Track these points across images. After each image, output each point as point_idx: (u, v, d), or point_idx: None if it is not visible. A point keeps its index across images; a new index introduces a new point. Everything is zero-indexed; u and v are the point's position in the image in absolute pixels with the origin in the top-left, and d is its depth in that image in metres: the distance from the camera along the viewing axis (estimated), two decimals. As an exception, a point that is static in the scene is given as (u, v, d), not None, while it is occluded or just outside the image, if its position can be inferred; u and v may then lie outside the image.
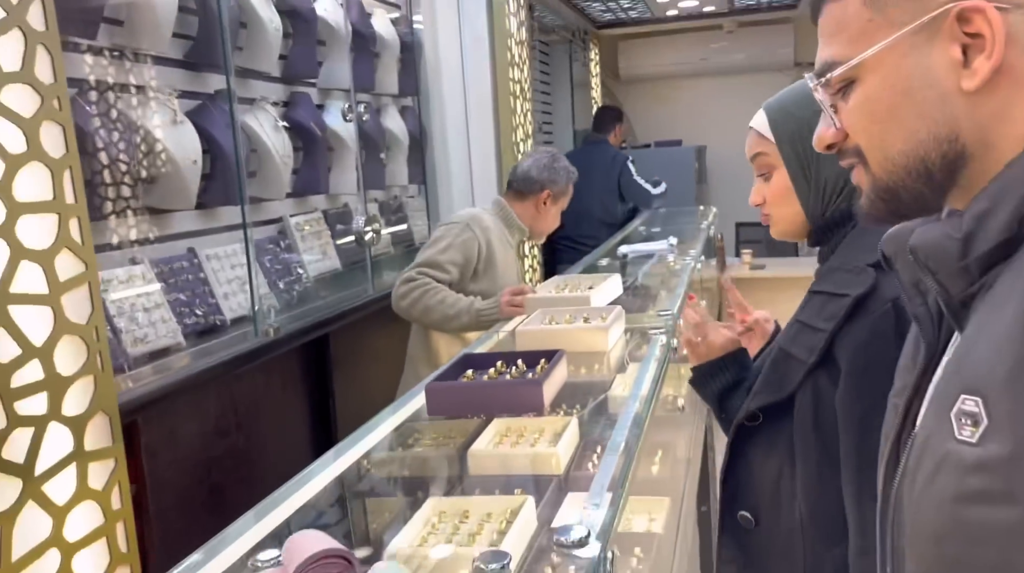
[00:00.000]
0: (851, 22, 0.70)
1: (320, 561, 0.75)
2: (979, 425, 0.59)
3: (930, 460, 0.63)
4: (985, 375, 0.59)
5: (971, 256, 0.64)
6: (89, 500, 1.47)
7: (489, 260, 2.58)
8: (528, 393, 1.40)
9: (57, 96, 1.45)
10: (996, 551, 0.58)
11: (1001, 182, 0.64)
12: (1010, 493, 0.57)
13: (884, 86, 0.69)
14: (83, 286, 1.48)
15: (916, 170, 0.69)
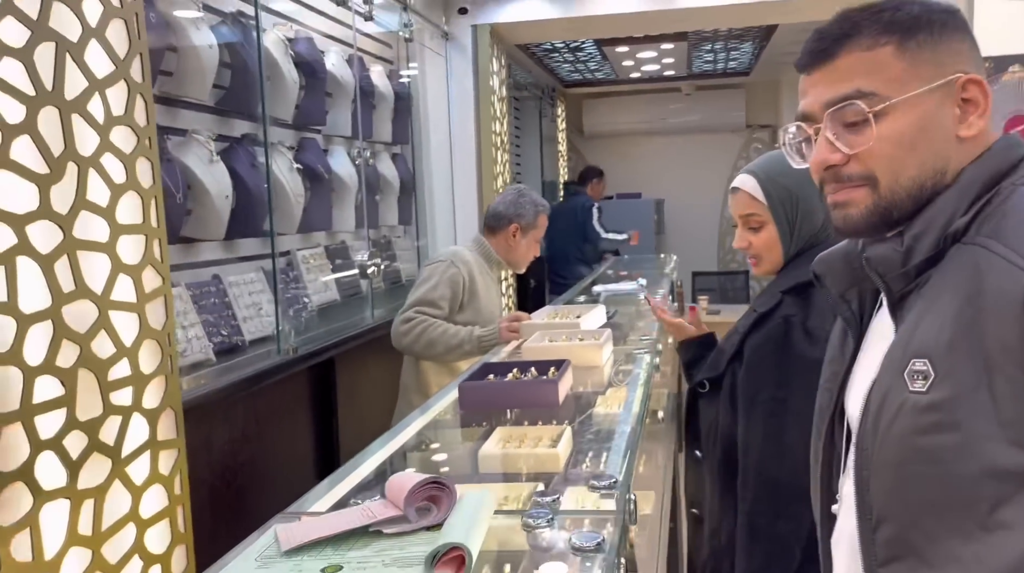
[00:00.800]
0: (887, 68, 0.88)
1: (427, 485, 1.02)
2: (928, 379, 0.82)
3: (889, 409, 0.86)
4: (931, 344, 0.83)
5: (909, 264, 0.88)
6: (158, 484, 1.69)
7: (472, 292, 2.78)
8: (546, 391, 1.68)
9: (149, 136, 1.71)
10: (945, 465, 0.81)
11: (932, 211, 0.88)
12: (955, 422, 0.80)
13: (912, 123, 0.88)
14: (161, 298, 1.73)
15: (915, 193, 0.89)
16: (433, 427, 1.98)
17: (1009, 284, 0.78)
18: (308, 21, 3.36)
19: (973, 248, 0.84)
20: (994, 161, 0.88)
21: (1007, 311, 0.78)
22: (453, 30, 4.47)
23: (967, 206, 0.86)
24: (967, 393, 0.80)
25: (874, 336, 0.98)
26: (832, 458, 1.02)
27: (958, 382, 0.80)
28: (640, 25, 5.04)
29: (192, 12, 2.48)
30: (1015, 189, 0.86)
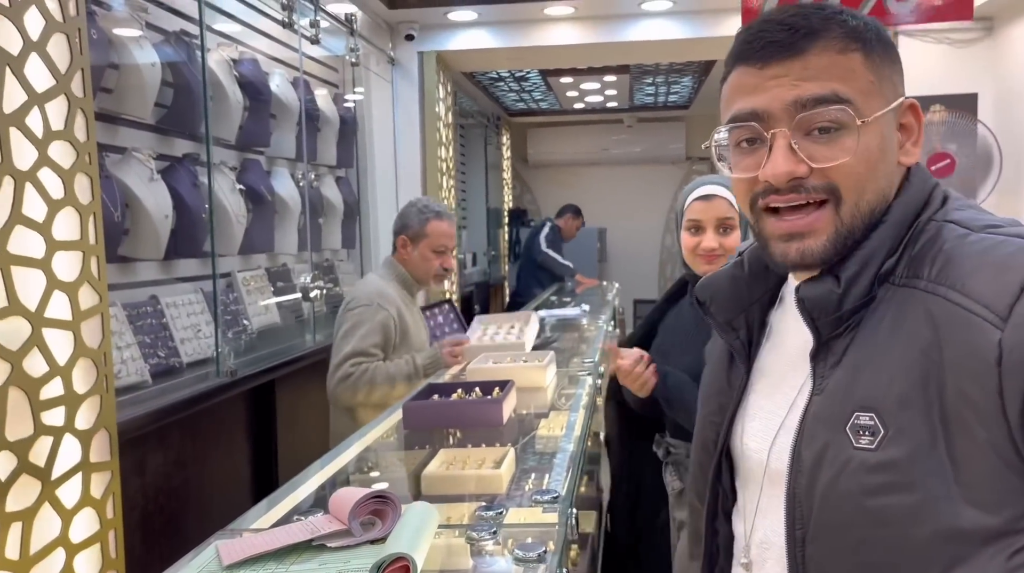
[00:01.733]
0: (859, 77, 0.79)
1: (371, 499, 1.02)
2: (876, 435, 0.75)
3: (831, 467, 0.78)
4: (878, 397, 0.76)
5: (844, 308, 0.80)
6: (90, 507, 1.65)
7: (403, 330, 2.58)
8: (490, 410, 1.69)
9: (88, 152, 1.69)
10: (897, 527, 0.74)
11: (867, 249, 0.80)
12: (911, 484, 0.73)
13: (877, 141, 0.80)
14: (97, 316, 1.70)
15: (869, 218, 0.81)
16: (375, 449, 1.97)
17: (977, 338, 0.72)
18: (253, 43, 3.35)
19: (920, 294, 0.77)
20: (916, 195, 0.83)
21: (976, 367, 0.72)
22: (399, 56, 4.50)
23: (897, 243, 0.80)
24: (922, 451, 0.74)
25: (770, 375, 0.90)
26: (718, 493, 0.96)
27: (912, 440, 0.74)
28: (584, 57, 5.16)
29: (134, 30, 2.45)
30: (939, 227, 0.80)
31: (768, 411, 0.88)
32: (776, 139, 0.79)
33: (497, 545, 1.08)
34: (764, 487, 0.87)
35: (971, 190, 3.59)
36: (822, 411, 0.80)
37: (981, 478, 0.73)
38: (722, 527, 0.97)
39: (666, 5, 4.24)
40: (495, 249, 7.73)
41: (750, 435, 0.90)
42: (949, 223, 0.79)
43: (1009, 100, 3.64)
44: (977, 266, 0.74)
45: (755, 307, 0.91)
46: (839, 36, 0.80)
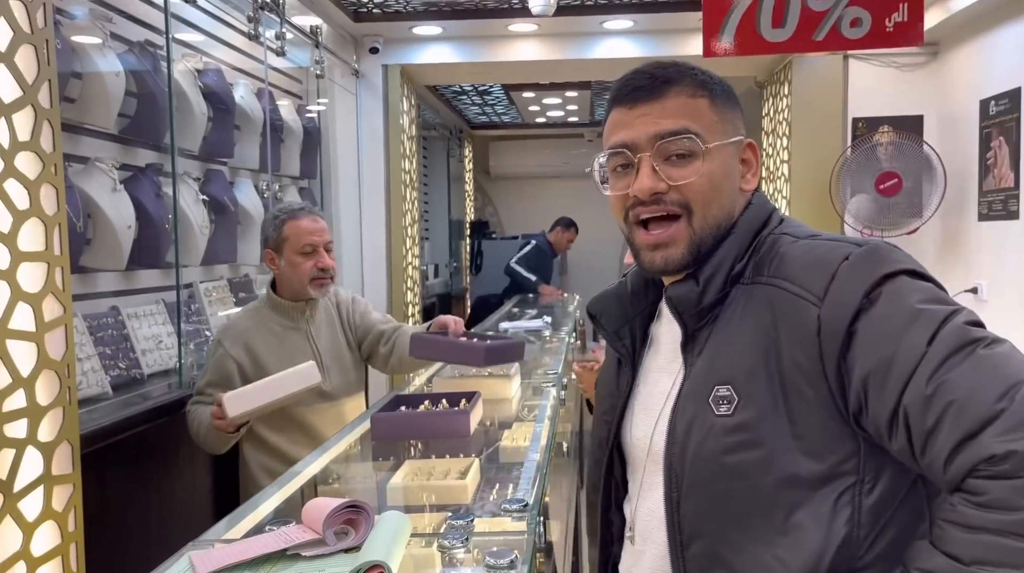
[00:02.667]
0: (705, 116, 1.01)
1: (345, 509, 1.04)
2: (732, 403, 0.93)
3: (697, 433, 0.94)
4: (732, 372, 0.94)
5: (704, 303, 0.98)
6: (51, 520, 1.63)
7: (255, 363, 2.25)
8: (457, 421, 1.72)
9: (55, 163, 1.68)
10: (748, 479, 0.91)
11: (719, 256, 0.99)
12: (758, 440, 0.91)
13: (720, 167, 1.00)
14: (61, 327, 1.68)
15: (715, 231, 1.00)
16: (340, 461, 1.98)
17: (803, 316, 0.91)
18: (218, 53, 3.34)
19: (761, 287, 0.96)
20: (758, 214, 1.03)
21: (803, 338, 0.90)
22: (364, 69, 4.52)
23: (744, 252, 0.99)
24: (767, 412, 0.91)
25: (651, 373, 1.06)
26: (611, 486, 1.09)
27: (759, 404, 0.91)
28: (546, 73, 5.24)
29: (98, 39, 2.44)
30: (776, 238, 1.00)
31: (650, 403, 1.04)
32: (642, 162, 1.00)
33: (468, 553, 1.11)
34: (647, 467, 1.02)
35: (917, 208, 3.73)
36: (690, 390, 0.98)
37: (812, 431, 0.90)
38: (615, 517, 1.10)
39: (627, 24, 4.33)
40: (457, 261, 7.75)
41: (636, 425, 1.05)
42: (783, 235, 1.00)
43: (952, 122, 3.79)
44: (802, 262, 0.95)
45: (637, 320, 1.09)
46: (690, 84, 1.02)
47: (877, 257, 0.91)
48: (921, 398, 0.83)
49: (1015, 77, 3.23)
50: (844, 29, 3.04)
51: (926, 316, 0.86)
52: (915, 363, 0.84)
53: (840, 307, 0.89)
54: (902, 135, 3.76)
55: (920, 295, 0.88)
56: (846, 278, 0.90)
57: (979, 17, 3.47)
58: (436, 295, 6.58)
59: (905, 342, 0.85)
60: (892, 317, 0.87)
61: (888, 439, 0.87)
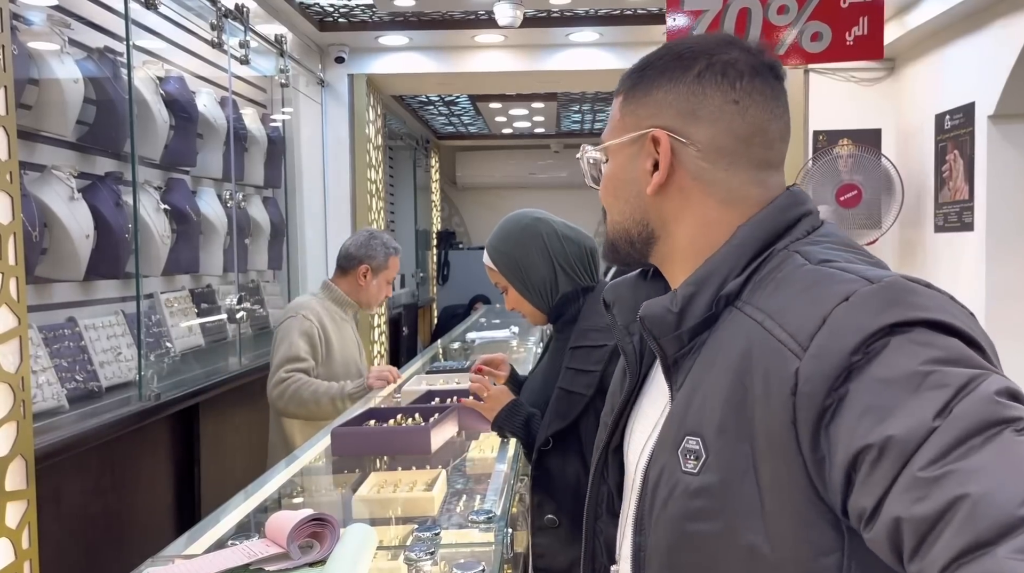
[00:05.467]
0: (612, 116, 0.89)
1: (310, 522, 1.02)
2: (700, 459, 0.75)
3: (664, 489, 0.79)
4: (703, 422, 0.76)
5: (683, 327, 0.80)
6: (4, 537, 1.58)
7: (327, 341, 2.76)
8: (418, 437, 1.70)
9: (10, 171, 1.64)
10: (707, 555, 0.75)
11: (702, 271, 0.81)
12: (720, 510, 0.74)
13: (614, 172, 0.88)
14: (16, 339, 1.64)
15: (624, 237, 0.88)
16: (305, 474, 1.95)
17: (779, 367, 0.71)
18: (181, 61, 3.30)
19: (745, 319, 0.77)
20: (770, 221, 0.82)
21: (775, 397, 0.71)
22: (329, 78, 4.50)
23: (742, 267, 0.80)
24: (735, 479, 0.73)
25: (651, 385, 0.91)
26: (598, 496, 0.97)
27: (727, 466, 0.74)
28: (512, 84, 5.26)
29: (55, 45, 2.39)
30: (786, 255, 0.79)
31: (647, 419, 0.89)
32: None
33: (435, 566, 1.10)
34: (632, 500, 0.87)
35: (876, 220, 3.81)
36: (664, 433, 0.81)
37: (784, 512, 0.71)
38: (606, 527, 0.97)
39: (593, 36, 4.37)
40: (423, 271, 7.72)
41: (632, 444, 0.91)
42: (795, 253, 0.79)
43: (909, 136, 3.89)
44: (795, 296, 0.74)
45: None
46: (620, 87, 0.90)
47: (887, 299, 0.70)
48: (918, 488, 0.61)
49: (969, 92, 3.32)
50: (805, 43, 3.10)
51: (937, 381, 0.64)
52: (917, 444, 0.62)
53: (824, 363, 0.68)
54: (861, 148, 3.84)
55: (934, 354, 0.66)
56: (839, 325, 0.69)
57: (934, 33, 3.56)
58: (403, 305, 6.54)
59: (906, 416, 0.64)
60: (891, 381, 0.66)
61: (866, 529, 0.66)
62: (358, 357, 2.94)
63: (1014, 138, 3.18)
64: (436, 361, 3.30)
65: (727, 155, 0.82)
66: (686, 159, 0.83)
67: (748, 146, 0.83)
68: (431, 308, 8.11)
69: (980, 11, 3.20)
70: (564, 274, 1.77)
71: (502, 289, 1.84)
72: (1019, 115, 3.15)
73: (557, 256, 1.77)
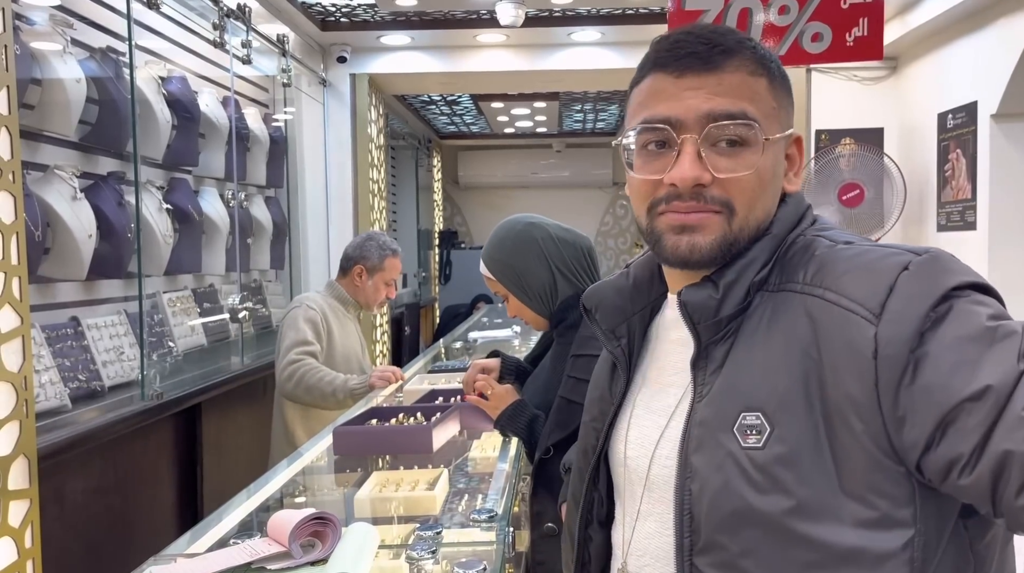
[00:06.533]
0: (764, 101, 0.84)
1: (311, 521, 1.02)
2: (763, 433, 0.77)
3: (719, 471, 0.79)
4: (762, 396, 0.78)
5: (723, 313, 0.83)
6: (7, 536, 1.59)
7: (329, 333, 2.85)
8: (420, 437, 1.70)
9: (12, 170, 1.65)
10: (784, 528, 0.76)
11: (746, 259, 0.84)
12: (795, 480, 0.75)
13: (771, 164, 0.85)
14: (19, 338, 1.65)
15: (754, 231, 0.85)
16: (307, 473, 1.95)
17: (854, 334, 0.76)
18: (182, 61, 3.30)
19: (795, 296, 0.81)
20: (792, 213, 0.88)
21: (854, 361, 0.75)
22: (331, 77, 4.50)
23: (769, 256, 0.85)
24: (807, 447, 0.76)
25: (650, 383, 0.92)
26: (593, 500, 0.97)
27: (797, 435, 0.77)
28: (514, 84, 5.26)
29: (58, 45, 2.40)
30: (809, 240, 0.85)
31: (648, 421, 0.89)
32: (685, 145, 0.83)
33: (436, 565, 1.10)
34: (644, 496, 0.88)
35: (878, 219, 3.81)
36: (708, 417, 0.82)
37: (858, 471, 0.75)
38: (596, 534, 0.97)
39: (595, 36, 4.37)
40: (425, 271, 7.73)
41: (631, 444, 0.91)
42: (818, 237, 0.85)
43: (911, 135, 3.88)
44: (848, 269, 0.79)
45: (636, 318, 0.93)
46: (751, 59, 0.84)
47: (941, 267, 0.77)
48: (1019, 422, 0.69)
49: (972, 91, 3.32)
50: (805, 44, 3.10)
51: (1004, 332, 0.73)
52: (1012, 386, 0.70)
53: (902, 326, 0.74)
54: (863, 147, 3.83)
55: (991, 311, 0.75)
56: (908, 291, 0.75)
57: (937, 32, 3.56)
58: (404, 305, 6.55)
59: (994, 364, 0.71)
60: (968, 338, 0.73)
61: (960, 475, 0.71)
62: (360, 353, 2.97)
63: (1017, 137, 3.18)
64: (438, 361, 3.31)
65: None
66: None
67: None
68: (433, 308, 8.12)
69: (982, 10, 3.20)
70: (563, 277, 1.76)
71: (503, 297, 1.84)
72: (1022, 114, 3.15)
73: (554, 260, 1.76)
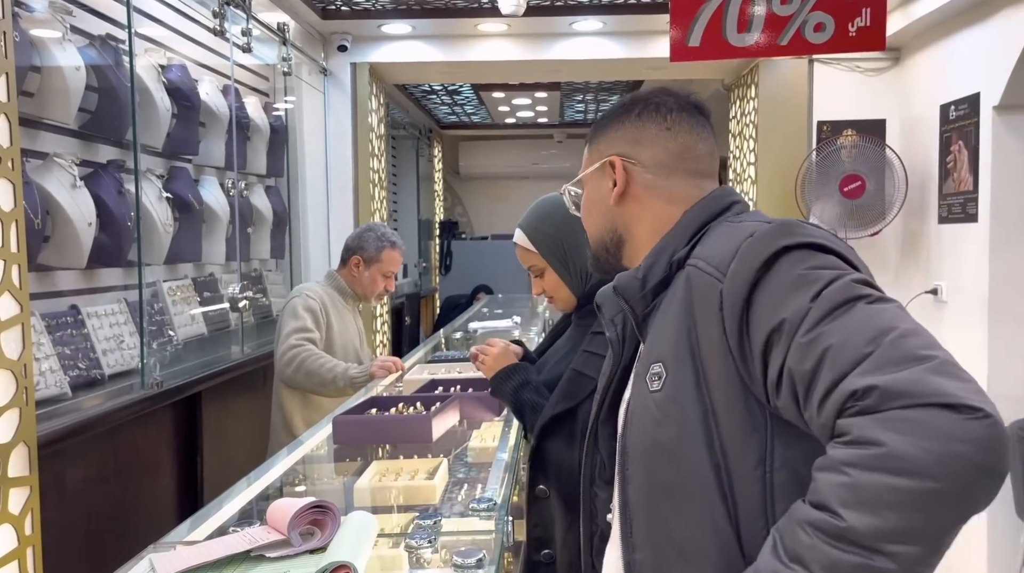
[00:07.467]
0: (584, 160, 1.20)
1: (310, 509, 1.03)
2: (661, 378, 0.98)
3: (637, 411, 1.01)
4: (663, 350, 0.99)
5: (646, 288, 1.05)
6: (7, 523, 1.59)
7: (328, 323, 2.86)
8: (419, 426, 1.70)
9: (11, 158, 1.64)
10: (674, 454, 0.95)
11: (659, 246, 1.07)
12: (680, 414, 0.95)
13: (587, 195, 1.17)
14: (18, 326, 1.64)
15: (601, 246, 1.16)
16: (306, 462, 1.96)
17: (709, 292, 0.95)
18: (183, 49, 3.29)
19: (688, 268, 1.01)
20: (704, 207, 1.08)
21: (709, 315, 0.94)
22: (332, 66, 4.48)
23: (687, 239, 1.05)
24: (689, 387, 0.95)
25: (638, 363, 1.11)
26: (594, 461, 1.15)
27: (683, 379, 0.96)
28: (515, 73, 5.24)
29: (57, 32, 2.39)
30: (718, 225, 1.05)
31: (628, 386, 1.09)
32: None
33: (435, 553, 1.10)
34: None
35: (880, 211, 3.80)
36: (637, 370, 1.04)
37: (728, 406, 0.92)
38: (601, 491, 1.15)
39: (597, 26, 4.35)
40: (426, 261, 7.72)
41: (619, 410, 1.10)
42: (724, 222, 1.05)
43: (914, 126, 3.87)
44: (715, 241, 1.00)
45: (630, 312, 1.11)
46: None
47: (780, 232, 0.94)
48: (800, 349, 0.85)
49: (974, 83, 3.31)
50: (808, 34, 3.08)
51: (813, 278, 0.88)
52: (799, 320, 0.86)
53: (738, 280, 0.92)
54: (865, 139, 3.82)
55: (813, 263, 0.90)
56: (746, 253, 0.93)
57: (939, 23, 3.54)
58: (405, 295, 6.55)
59: (792, 304, 0.87)
60: (782, 284, 0.89)
61: (776, 398, 0.88)
62: (358, 344, 2.97)
63: (1019, 129, 3.17)
64: (438, 351, 3.31)
65: (666, 167, 1.12)
66: (636, 175, 1.13)
67: (681, 160, 1.12)
68: (433, 298, 8.11)
69: (986, 1, 3.18)
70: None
71: (535, 272, 1.80)
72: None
73: None
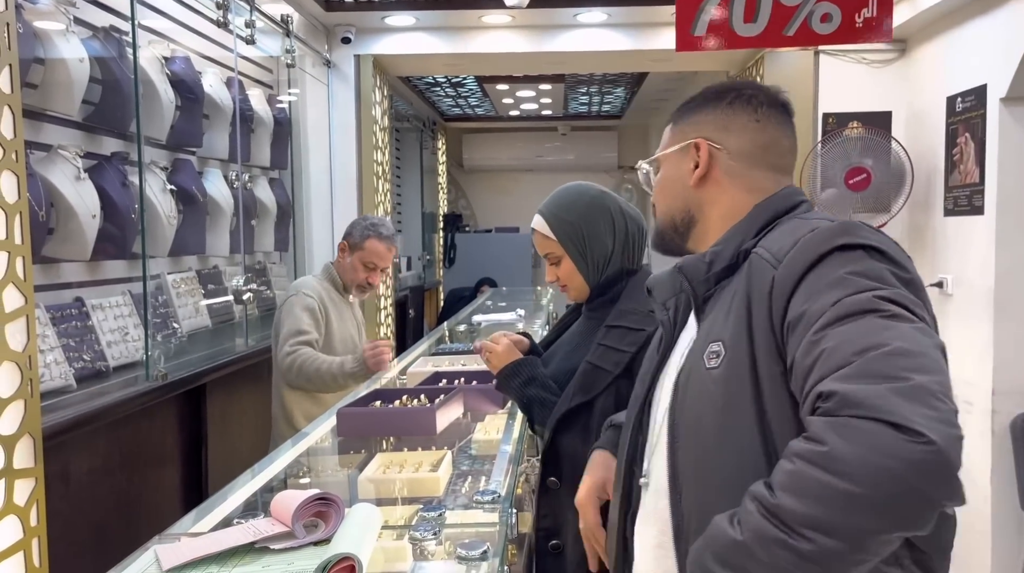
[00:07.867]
0: (664, 139, 1.24)
1: (314, 501, 1.03)
2: (720, 357, 1.02)
3: (692, 384, 1.05)
4: (723, 330, 1.04)
5: (711, 272, 1.10)
6: (13, 515, 1.60)
7: (327, 319, 2.86)
8: (423, 418, 1.70)
9: (16, 150, 1.64)
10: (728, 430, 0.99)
11: (729, 234, 1.12)
12: (736, 392, 0.99)
13: (665, 175, 1.21)
14: (23, 318, 1.64)
15: (670, 224, 1.21)
16: (311, 454, 1.96)
17: (764, 277, 1.00)
18: (186, 41, 3.28)
19: (753, 257, 1.06)
20: (776, 202, 1.13)
21: (761, 297, 0.99)
22: (336, 58, 4.47)
23: (755, 231, 1.10)
24: (745, 367, 0.99)
25: (683, 340, 1.17)
26: (638, 441, 1.18)
27: (740, 358, 1.00)
28: (519, 65, 5.22)
29: (61, 24, 2.38)
30: (787, 220, 1.10)
31: (673, 363, 1.14)
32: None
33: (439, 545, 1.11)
34: (658, 418, 1.12)
35: (885, 203, 3.78)
36: (693, 348, 1.09)
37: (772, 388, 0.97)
38: (638, 469, 1.17)
39: (601, 17, 4.33)
40: (430, 253, 7.72)
41: (663, 386, 1.15)
42: (794, 218, 1.09)
43: (919, 118, 3.85)
44: (781, 235, 1.05)
45: (683, 295, 1.16)
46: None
47: (840, 230, 0.98)
48: (807, 346, 0.90)
49: (981, 74, 3.28)
50: (814, 24, 3.06)
51: (848, 283, 0.92)
52: (816, 317, 0.91)
53: (790, 268, 0.97)
54: (871, 131, 3.80)
55: (856, 267, 0.94)
56: (804, 245, 0.98)
57: (946, 15, 3.52)
58: (409, 288, 6.55)
59: (819, 301, 0.92)
60: (822, 279, 0.94)
61: (791, 382, 0.94)
62: (357, 338, 2.96)
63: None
64: (442, 343, 3.31)
65: (750, 158, 1.15)
66: (720, 159, 1.16)
67: (766, 152, 1.16)
68: (437, 290, 8.11)
69: (994, -8, 3.16)
70: (621, 252, 1.76)
71: (552, 260, 1.80)
72: (1032, 98, 3.11)
73: (620, 233, 1.76)
